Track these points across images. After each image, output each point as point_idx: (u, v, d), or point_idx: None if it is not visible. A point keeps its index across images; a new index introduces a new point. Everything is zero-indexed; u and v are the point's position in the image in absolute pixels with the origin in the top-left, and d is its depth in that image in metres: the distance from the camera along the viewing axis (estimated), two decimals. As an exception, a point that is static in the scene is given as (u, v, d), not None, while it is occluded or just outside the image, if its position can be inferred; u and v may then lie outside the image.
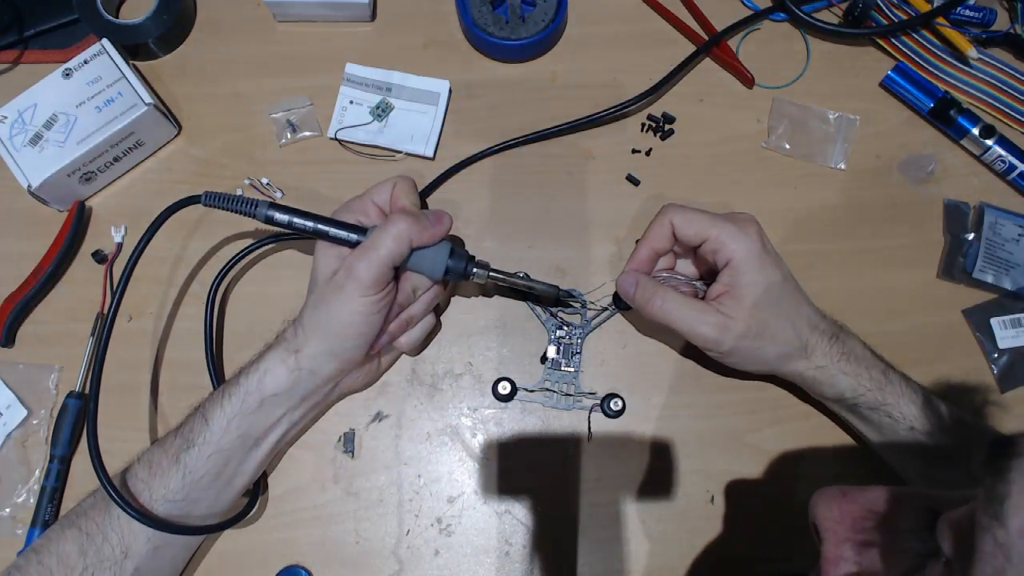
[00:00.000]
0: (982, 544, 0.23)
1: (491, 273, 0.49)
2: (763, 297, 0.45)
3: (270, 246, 0.55)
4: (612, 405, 0.52)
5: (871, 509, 0.33)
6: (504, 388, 0.53)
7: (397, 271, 0.46)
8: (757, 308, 0.45)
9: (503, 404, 0.53)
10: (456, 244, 0.51)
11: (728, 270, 0.46)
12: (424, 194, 0.57)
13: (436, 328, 0.54)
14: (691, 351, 0.54)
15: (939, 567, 0.27)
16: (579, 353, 0.54)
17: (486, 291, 0.55)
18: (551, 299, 0.53)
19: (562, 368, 0.54)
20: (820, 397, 0.50)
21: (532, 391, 0.53)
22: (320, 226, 0.46)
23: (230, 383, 0.46)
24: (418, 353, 0.54)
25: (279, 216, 0.46)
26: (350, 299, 0.44)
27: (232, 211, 0.47)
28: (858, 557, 0.32)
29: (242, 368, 0.47)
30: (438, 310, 0.54)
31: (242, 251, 0.53)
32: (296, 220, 0.46)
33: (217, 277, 0.52)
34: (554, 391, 0.53)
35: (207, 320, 0.52)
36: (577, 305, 0.54)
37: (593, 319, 0.55)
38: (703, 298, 0.48)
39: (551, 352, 0.54)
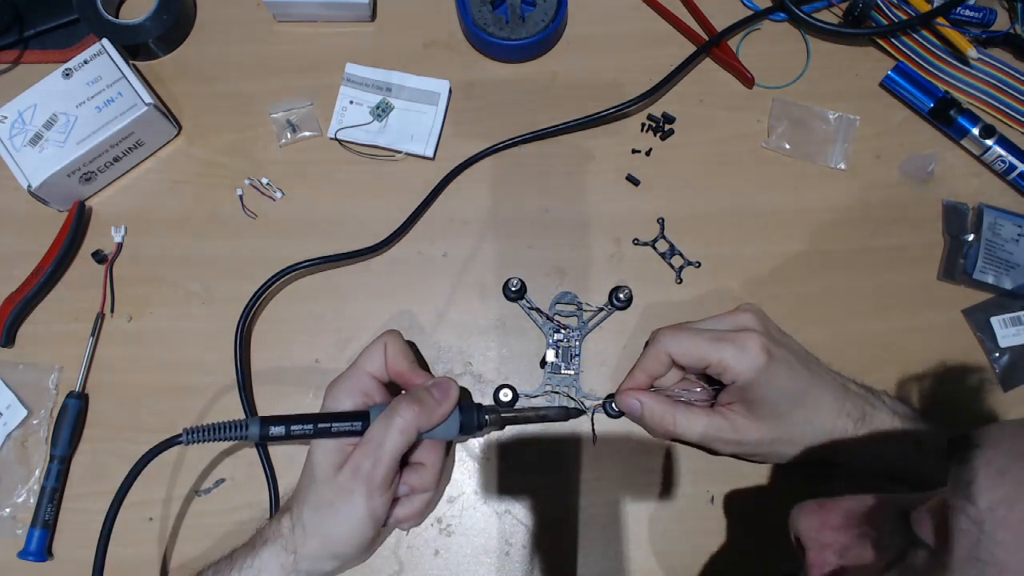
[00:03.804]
0: (957, 523, 0.27)
1: (502, 415, 0.48)
2: (776, 407, 0.44)
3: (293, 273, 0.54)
4: (614, 406, 0.52)
5: (848, 515, 0.35)
6: (505, 395, 0.53)
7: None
8: (771, 418, 0.45)
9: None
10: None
11: (736, 387, 0.45)
12: (427, 198, 0.57)
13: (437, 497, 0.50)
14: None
15: (921, 553, 0.30)
16: (578, 355, 0.54)
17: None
18: (562, 418, 0.51)
19: (562, 372, 0.53)
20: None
21: (534, 397, 0.53)
22: (321, 425, 0.42)
23: (221, 572, 0.43)
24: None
25: (274, 430, 0.42)
26: (358, 505, 0.41)
27: (220, 440, 0.43)
28: (840, 560, 0.35)
29: (235, 555, 0.44)
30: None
31: (264, 284, 0.53)
32: (294, 428, 0.42)
33: (243, 315, 0.53)
34: (557, 392, 0.53)
35: (236, 355, 0.52)
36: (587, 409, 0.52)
37: (590, 320, 0.55)
38: (715, 395, 0.47)
39: (550, 356, 0.54)
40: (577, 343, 0.54)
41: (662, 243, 0.57)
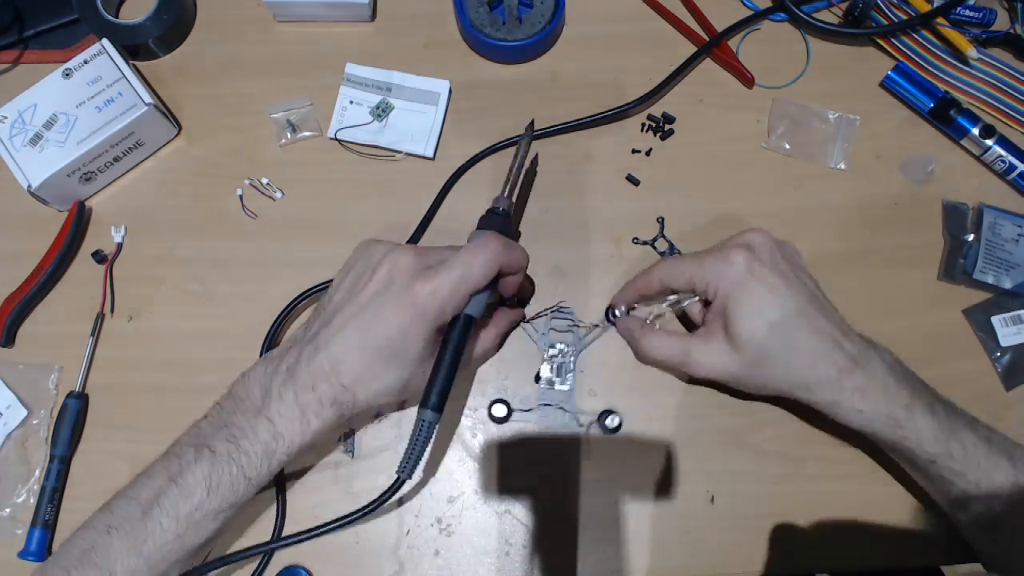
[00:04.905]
0: None
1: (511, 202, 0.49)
2: (749, 329, 0.44)
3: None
4: (609, 422, 0.52)
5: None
6: (499, 411, 0.52)
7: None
8: (746, 344, 0.44)
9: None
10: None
11: (716, 303, 0.45)
12: (433, 204, 0.57)
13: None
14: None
15: None
16: (572, 371, 0.53)
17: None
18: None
19: (556, 387, 0.53)
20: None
21: (527, 411, 0.53)
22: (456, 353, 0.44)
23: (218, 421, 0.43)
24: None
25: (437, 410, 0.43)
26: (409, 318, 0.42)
27: (422, 448, 0.44)
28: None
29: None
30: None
31: (298, 297, 0.53)
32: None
33: (274, 324, 0.53)
34: (551, 405, 0.53)
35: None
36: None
37: (585, 336, 0.54)
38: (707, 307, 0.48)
39: (544, 371, 0.53)
40: (572, 359, 0.54)
41: (662, 243, 0.57)
